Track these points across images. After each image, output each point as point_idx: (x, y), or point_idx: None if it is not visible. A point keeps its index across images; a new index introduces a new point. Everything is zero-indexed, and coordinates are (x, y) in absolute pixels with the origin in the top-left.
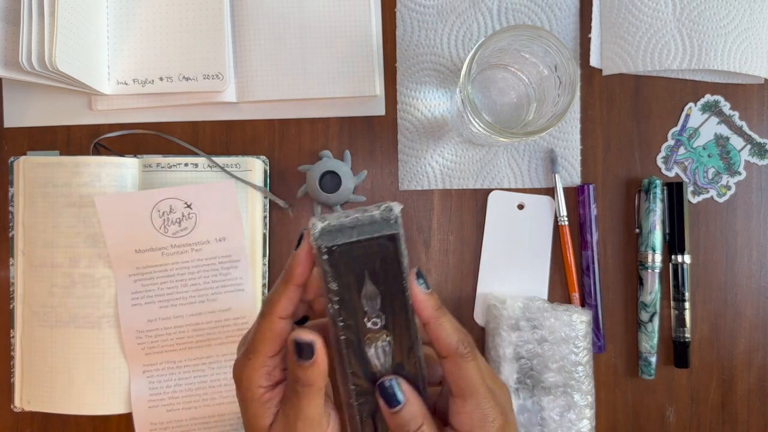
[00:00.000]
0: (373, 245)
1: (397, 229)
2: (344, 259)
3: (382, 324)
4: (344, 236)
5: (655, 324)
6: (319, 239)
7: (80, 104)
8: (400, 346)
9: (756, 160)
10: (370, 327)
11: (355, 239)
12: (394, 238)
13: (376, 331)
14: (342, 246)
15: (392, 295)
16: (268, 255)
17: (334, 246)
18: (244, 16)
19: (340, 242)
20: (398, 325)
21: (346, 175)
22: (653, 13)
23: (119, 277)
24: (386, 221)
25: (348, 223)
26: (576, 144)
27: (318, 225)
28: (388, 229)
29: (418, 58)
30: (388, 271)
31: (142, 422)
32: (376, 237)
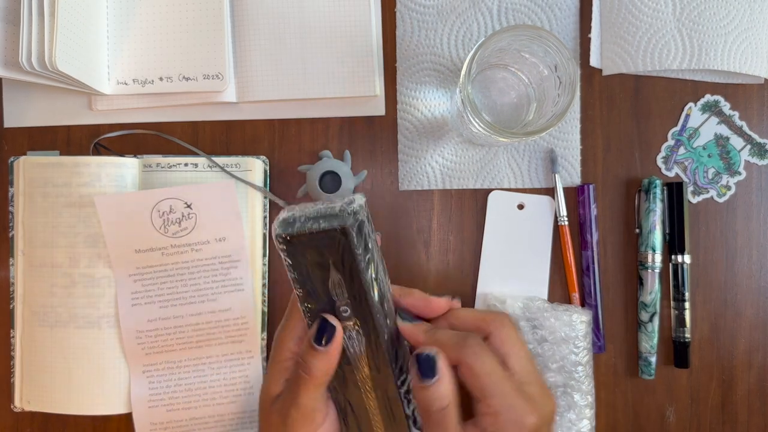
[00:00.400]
0: (328, 236)
1: (347, 221)
2: (301, 249)
3: (351, 312)
4: (300, 226)
5: (655, 324)
6: (278, 228)
7: (80, 104)
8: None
9: (756, 160)
10: (342, 315)
11: (306, 230)
12: (345, 230)
13: (347, 318)
14: (295, 236)
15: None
16: (268, 255)
17: (289, 236)
18: (244, 16)
19: (296, 232)
20: (363, 314)
21: (346, 175)
22: (653, 13)
23: (119, 277)
24: (344, 213)
25: (310, 214)
26: (576, 144)
27: (281, 215)
28: (341, 221)
29: (418, 58)
30: (347, 261)
31: (142, 422)
32: (326, 229)
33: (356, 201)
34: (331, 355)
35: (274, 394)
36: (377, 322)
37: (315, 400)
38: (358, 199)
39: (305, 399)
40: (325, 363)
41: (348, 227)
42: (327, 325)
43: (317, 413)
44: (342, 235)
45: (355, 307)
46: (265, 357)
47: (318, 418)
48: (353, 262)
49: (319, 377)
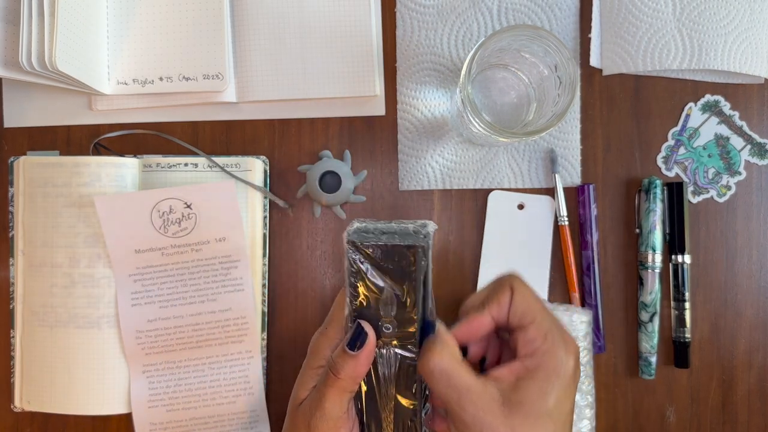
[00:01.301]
0: (397, 252)
1: (420, 242)
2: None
3: (393, 331)
4: (374, 237)
5: (655, 324)
6: (351, 234)
7: (80, 104)
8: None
9: (756, 160)
10: (384, 331)
11: (382, 242)
12: (415, 249)
13: (388, 335)
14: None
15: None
16: (268, 255)
17: (362, 243)
18: (244, 16)
19: (368, 242)
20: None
21: (346, 175)
22: (653, 13)
23: (119, 277)
24: (416, 234)
25: (382, 229)
26: (576, 144)
27: (354, 224)
28: (413, 241)
29: (418, 58)
30: (406, 282)
31: (142, 422)
32: (401, 245)
33: (429, 227)
34: (360, 362)
35: (302, 398)
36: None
37: (339, 406)
38: (430, 225)
39: (329, 403)
40: (353, 367)
41: (418, 247)
42: (362, 331)
43: (341, 423)
44: (410, 254)
45: (399, 327)
46: (266, 357)
47: (342, 430)
48: (412, 283)
49: (346, 381)
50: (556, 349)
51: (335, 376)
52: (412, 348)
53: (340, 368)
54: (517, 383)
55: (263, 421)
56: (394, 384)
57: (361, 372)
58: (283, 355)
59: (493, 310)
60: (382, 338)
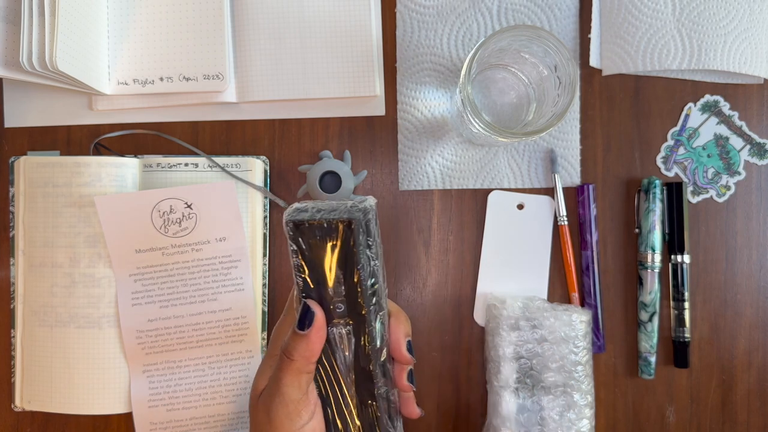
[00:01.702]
0: (334, 228)
1: (354, 215)
2: (307, 238)
3: (345, 310)
4: (309, 215)
5: (654, 324)
6: (288, 214)
7: (80, 104)
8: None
9: (756, 160)
10: (337, 311)
11: (315, 219)
12: (351, 223)
13: (340, 315)
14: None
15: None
16: (268, 255)
17: (300, 221)
18: (245, 17)
19: (306, 218)
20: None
21: (346, 175)
22: (653, 14)
23: (119, 277)
24: (354, 209)
25: (322, 207)
26: (576, 144)
27: (294, 205)
28: (349, 215)
29: (418, 58)
30: (348, 257)
31: (142, 422)
32: (334, 219)
33: (368, 201)
34: (311, 340)
35: (261, 388)
36: (368, 324)
37: (297, 389)
38: (369, 199)
39: (286, 387)
40: (304, 347)
41: (354, 220)
42: (308, 310)
43: (301, 406)
44: (347, 228)
45: (350, 305)
46: None
47: (303, 414)
48: (354, 258)
49: (300, 362)
50: None
51: (289, 359)
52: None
53: (293, 350)
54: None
55: None
56: (352, 364)
57: (314, 351)
58: None
59: None
60: (335, 318)
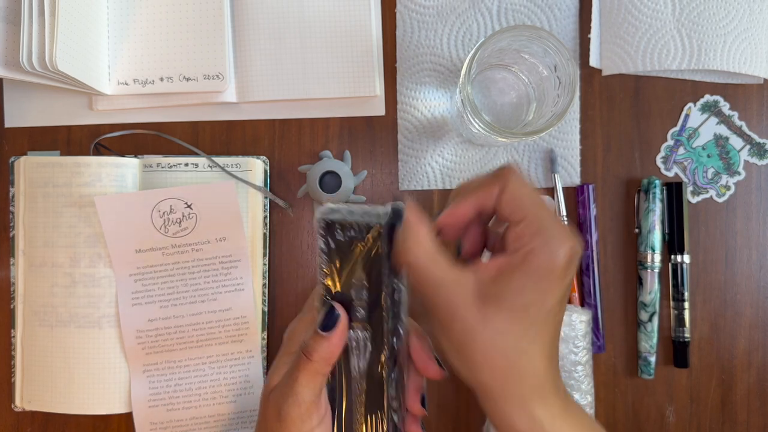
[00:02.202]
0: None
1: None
2: (336, 239)
3: (365, 315)
4: (341, 216)
5: (654, 324)
6: (319, 212)
7: (81, 104)
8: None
9: (755, 160)
10: (357, 315)
11: (347, 220)
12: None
13: (359, 320)
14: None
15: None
16: (269, 255)
17: (333, 221)
18: (245, 17)
19: (335, 218)
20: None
21: (346, 175)
22: (653, 14)
23: (120, 276)
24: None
25: (354, 209)
26: (576, 144)
27: (327, 204)
28: (380, 221)
29: (418, 58)
30: (374, 263)
31: (143, 422)
32: (366, 223)
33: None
34: (333, 343)
35: (274, 384)
36: (386, 332)
37: (312, 390)
38: (400, 204)
39: (302, 387)
40: (326, 349)
41: (387, 226)
42: (334, 311)
43: (313, 409)
44: (380, 233)
45: (370, 311)
46: (266, 356)
47: (314, 417)
48: (380, 265)
49: (318, 363)
50: (544, 246)
51: (308, 359)
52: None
53: (313, 350)
54: (498, 276)
55: None
56: (366, 371)
57: (334, 353)
58: None
59: (479, 197)
60: (354, 321)
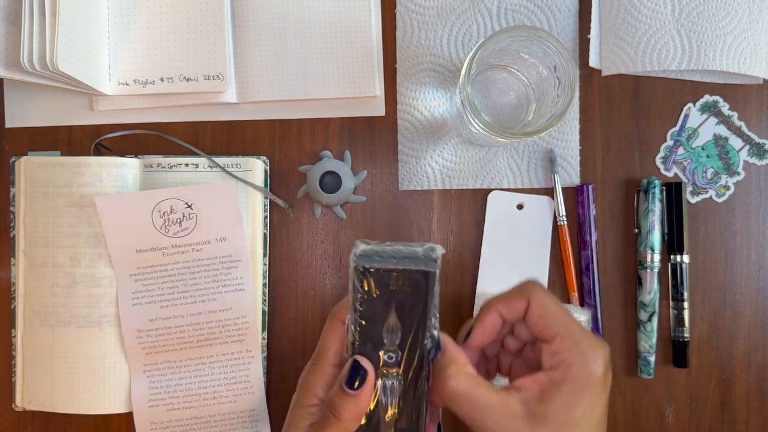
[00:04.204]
0: (406, 278)
1: (434, 268)
2: (374, 283)
3: (396, 360)
4: (382, 262)
5: (654, 323)
6: (358, 259)
7: (81, 104)
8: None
9: (755, 161)
10: (386, 360)
11: (391, 267)
12: (428, 276)
13: (390, 365)
14: (378, 270)
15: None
16: (269, 255)
17: (371, 268)
18: (245, 17)
19: (377, 266)
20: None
21: (347, 176)
22: (652, 14)
23: (120, 276)
24: (426, 259)
25: (389, 251)
26: (575, 144)
27: (360, 246)
28: (425, 266)
29: (418, 58)
30: (414, 309)
31: (143, 421)
32: (412, 270)
33: (437, 250)
34: (362, 400)
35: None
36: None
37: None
38: (439, 249)
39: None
40: (354, 407)
41: (430, 273)
42: (360, 368)
43: None
44: (424, 279)
45: (403, 356)
46: (266, 356)
47: None
48: (418, 310)
49: (348, 421)
50: (583, 360)
51: (336, 418)
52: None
53: (341, 409)
54: (542, 395)
55: (263, 421)
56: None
57: (363, 409)
58: (284, 355)
59: (506, 313)
60: (382, 368)
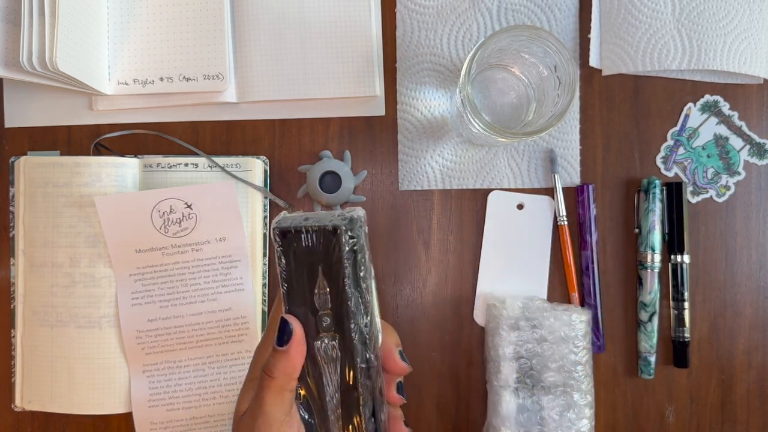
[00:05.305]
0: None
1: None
2: (295, 247)
3: (331, 323)
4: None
5: (654, 324)
6: (275, 222)
7: (81, 104)
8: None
9: (755, 160)
10: (322, 323)
11: (302, 224)
12: (336, 231)
13: (326, 329)
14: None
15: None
16: (268, 255)
17: (283, 227)
18: (245, 17)
19: (288, 225)
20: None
21: (346, 176)
22: (653, 14)
23: (119, 276)
24: (340, 217)
25: (309, 215)
26: (575, 144)
27: (283, 214)
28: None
29: (418, 58)
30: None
31: (142, 422)
32: (319, 226)
33: (356, 211)
34: (291, 356)
35: (243, 410)
36: (354, 339)
37: (280, 408)
38: (358, 210)
39: (269, 406)
40: (284, 363)
41: (340, 227)
42: (286, 324)
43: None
44: (333, 236)
45: (336, 318)
46: None
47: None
48: (340, 269)
49: (280, 379)
50: None
51: (270, 377)
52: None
53: (273, 367)
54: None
55: None
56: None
57: (295, 366)
58: None
59: None
60: (321, 332)
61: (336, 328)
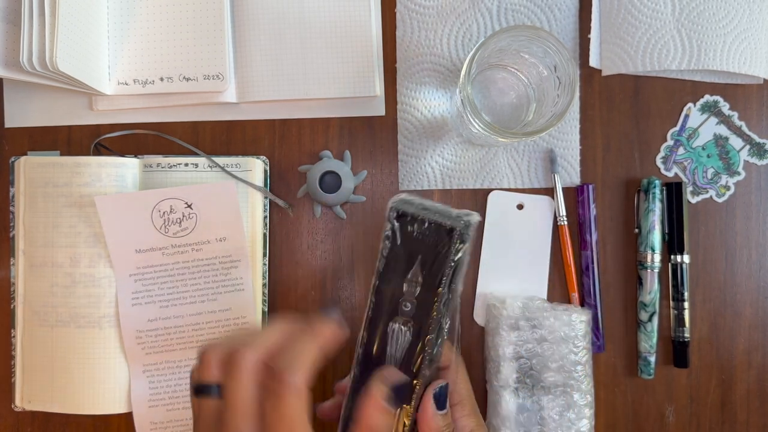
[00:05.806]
0: (431, 230)
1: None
2: (405, 231)
3: (412, 311)
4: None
5: (654, 324)
6: (395, 202)
7: (81, 104)
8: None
9: (755, 160)
10: (402, 309)
11: (419, 216)
12: (452, 232)
13: (405, 314)
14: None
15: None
16: (268, 255)
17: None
18: (245, 17)
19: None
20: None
21: (346, 176)
22: (653, 14)
23: (120, 276)
24: (457, 219)
25: (426, 205)
26: (575, 144)
27: (402, 194)
28: (453, 223)
29: (418, 58)
30: (436, 265)
31: (143, 421)
32: (438, 222)
33: (473, 216)
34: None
35: None
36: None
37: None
38: (474, 216)
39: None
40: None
41: (456, 230)
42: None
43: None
44: (446, 235)
45: (420, 309)
46: None
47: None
48: (442, 268)
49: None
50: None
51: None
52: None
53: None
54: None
55: None
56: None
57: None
58: None
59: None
60: (399, 315)
61: (415, 318)
